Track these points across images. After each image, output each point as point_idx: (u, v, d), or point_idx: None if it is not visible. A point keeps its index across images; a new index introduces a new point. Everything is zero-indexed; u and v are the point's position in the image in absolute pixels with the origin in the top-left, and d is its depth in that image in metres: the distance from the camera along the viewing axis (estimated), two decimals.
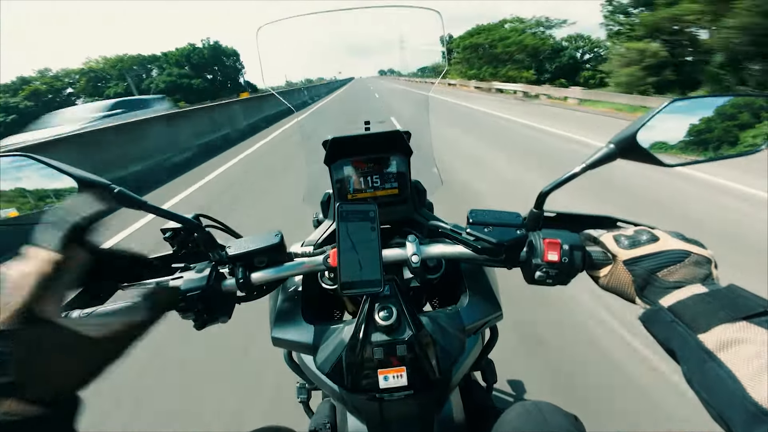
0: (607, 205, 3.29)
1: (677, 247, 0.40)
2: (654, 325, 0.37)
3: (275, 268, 0.52)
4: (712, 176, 3.86)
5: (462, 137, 6.99)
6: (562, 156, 5.28)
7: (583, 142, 5.98)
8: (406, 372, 0.47)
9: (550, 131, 7.14)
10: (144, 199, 0.43)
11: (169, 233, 0.50)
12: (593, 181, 2.51)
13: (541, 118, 8.77)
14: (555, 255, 0.45)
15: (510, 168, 4.83)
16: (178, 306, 0.45)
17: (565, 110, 10.25)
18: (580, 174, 0.46)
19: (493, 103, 12.85)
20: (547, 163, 4.86)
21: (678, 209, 3.21)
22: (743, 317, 0.31)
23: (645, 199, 3.49)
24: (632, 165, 0.46)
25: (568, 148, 5.77)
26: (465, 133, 7.38)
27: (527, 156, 5.36)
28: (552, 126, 7.56)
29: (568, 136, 6.56)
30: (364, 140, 0.61)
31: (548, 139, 6.51)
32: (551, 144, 6.15)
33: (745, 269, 2.13)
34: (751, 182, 3.60)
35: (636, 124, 0.43)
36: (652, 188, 3.69)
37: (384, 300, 0.49)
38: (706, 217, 3.02)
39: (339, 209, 0.47)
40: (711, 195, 3.49)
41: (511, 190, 3.98)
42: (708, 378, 0.30)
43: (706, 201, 3.36)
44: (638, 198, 3.50)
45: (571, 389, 1.47)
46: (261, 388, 1.58)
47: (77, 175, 0.39)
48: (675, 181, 3.81)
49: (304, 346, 0.55)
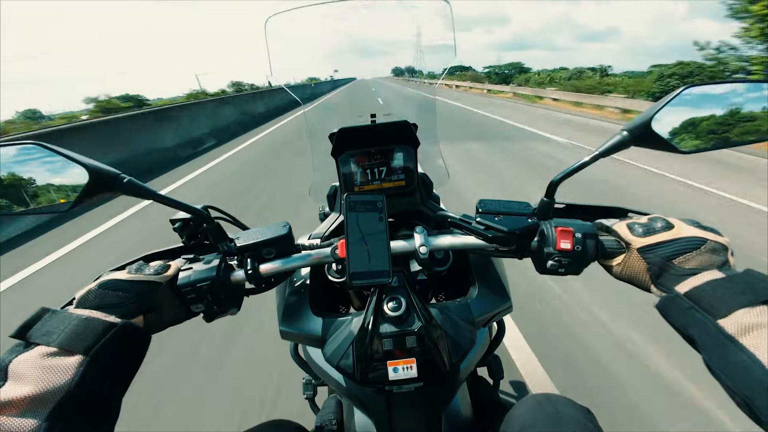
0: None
1: (693, 234, 0.39)
2: (671, 312, 0.37)
3: (283, 259, 0.52)
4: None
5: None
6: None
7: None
8: (416, 363, 0.46)
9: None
10: (153, 189, 0.43)
11: (178, 224, 0.50)
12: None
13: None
14: (568, 243, 0.45)
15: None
16: (187, 297, 0.45)
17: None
18: (591, 162, 0.45)
19: None
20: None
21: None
22: (763, 301, 0.31)
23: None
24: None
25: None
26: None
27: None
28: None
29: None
30: (371, 131, 0.61)
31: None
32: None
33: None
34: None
35: (650, 111, 0.43)
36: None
37: (392, 291, 0.48)
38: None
39: (347, 200, 0.47)
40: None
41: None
42: (730, 363, 0.30)
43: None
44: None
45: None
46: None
47: (88, 164, 0.39)
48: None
49: (313, 339, 0.54)
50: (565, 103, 12.53)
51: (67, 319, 0.34)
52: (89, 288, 0.41)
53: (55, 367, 0.30)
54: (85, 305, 0.38)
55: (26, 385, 0.29)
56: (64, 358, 0.31)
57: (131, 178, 0.42)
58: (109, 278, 0.41)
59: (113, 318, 0.36)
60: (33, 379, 0.29)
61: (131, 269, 0.44)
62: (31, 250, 3.15)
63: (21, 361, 0.31)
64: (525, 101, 14.87)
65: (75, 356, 0.32)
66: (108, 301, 0.39)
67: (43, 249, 3.12)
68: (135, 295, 0.40)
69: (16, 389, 0.28)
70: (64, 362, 0.31)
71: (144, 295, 0.41)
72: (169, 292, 0.45)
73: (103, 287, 0.40)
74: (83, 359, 0.32)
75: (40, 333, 0.33)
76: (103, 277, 0.43)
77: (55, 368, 0.30)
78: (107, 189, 0.41)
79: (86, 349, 0.32)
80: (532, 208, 0.51)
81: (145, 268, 0.45)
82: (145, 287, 0.42)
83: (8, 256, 3.08)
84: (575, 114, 10.48)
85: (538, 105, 13.45)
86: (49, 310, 0.35)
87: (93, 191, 0.40)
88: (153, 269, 0.45)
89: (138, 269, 0.44)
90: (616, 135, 0.44)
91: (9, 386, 0.29)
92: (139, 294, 0.41)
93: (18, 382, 0.29)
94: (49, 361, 0.31)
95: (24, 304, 2.30)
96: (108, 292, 0.39)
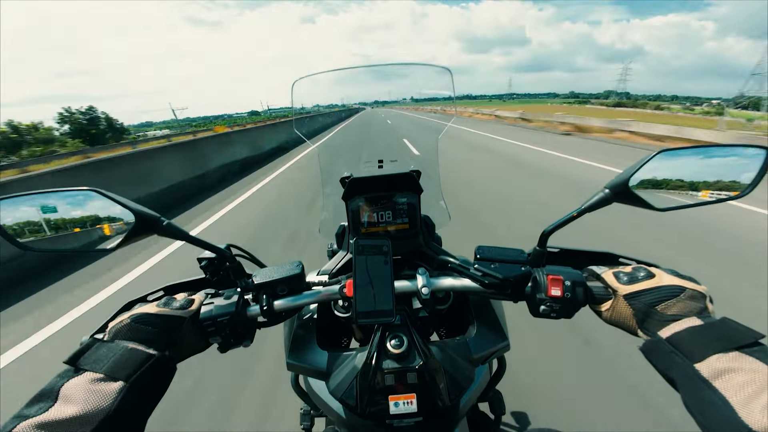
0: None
1: (672, 282, 0.43)
2: (653, 355, 0.40)
3: (295, 296, 0.56)
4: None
5: None
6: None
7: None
8: (416, 399, 0.49)
9: None
10: (186, 231, 0.49)
11: (204, 262, 0.55)
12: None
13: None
14: (558, 290, 0.48)
15: None
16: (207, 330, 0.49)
17: None
18: (578, 217, 0.50)
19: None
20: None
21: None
22: (736, 348, 0.34)
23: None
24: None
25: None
26: None
27: None
28: None
29: None
30: (378, 179, 0.67)
31: None
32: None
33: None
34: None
35: (628, 171, 0.48)
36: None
37: (395, 329, 0.52)
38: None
39: (356, 244, 0.52)
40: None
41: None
42: (704, 404, 0.33)
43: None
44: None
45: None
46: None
47: (135, 209, 0.46)
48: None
49: (318, 372, 0.57)
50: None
51: (114, 349, 0.39)
52: (122, 320, 0.44)
53: (101, 392, 0.35)
54: (119, 337, 0.42)
55: (74, 406, 0.33)
56: (109, 384, 0.36)
57: (170, 222, 0.48)
58: (140, 312, 0.46)
59: (151, 350, 0.41)
60: (81, 401, 0.33)
61: (159, 303, 0.49)
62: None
63: (72, 385, 0.35)
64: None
65: (117, 382, 0.36)
66: (141, 335, 0.43)
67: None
68: (164, 328, 0.45)
69: (64, 410, 0.33)
70: (109, 387, 0.35)
71: (171, 329, 0.46)
72: (191, 325, 0.49)
73: (136, 321, 0.44)
74: (124, 385, 0.36)
75: (89, 360, 0.38)
76: (134, 310, 0.47)
77: (100, 392, 0.35)
78: (149, 230, 0.47)
79: (127, 376, 0.37)
80: (526, 254, 0.55)
81: (171, 302, 0.49)
82: (172, 321, 0.46)
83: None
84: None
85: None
86: (98, 341, 0.40)
87: (137, 233, 0.46)
88: (179, 303, 0.49)
89: (165, 303, 0.49)
90: (599, 192, 0.50)
91: (58, 406, 0.33)
92: (167, 327, 0.45)
93: (67, 403, 0.33)
94: (95, 386, 0.35)
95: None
96: (140, 326, 0.44)
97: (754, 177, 0.47)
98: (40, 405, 0.33)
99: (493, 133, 13.12)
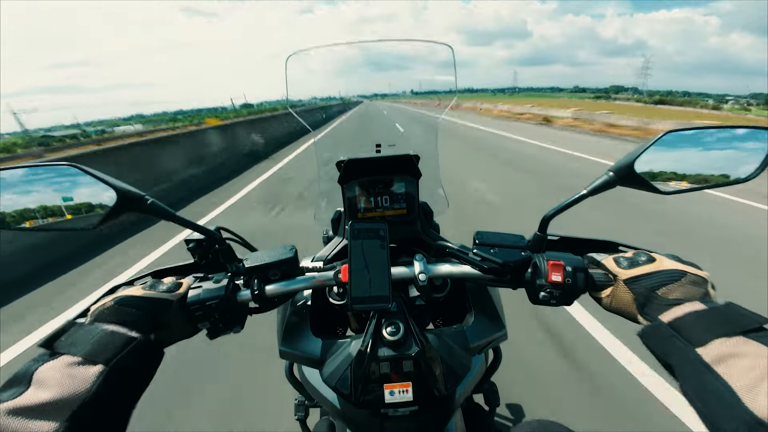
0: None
1: (673, 267, 0.42)
2: (652, 339, 0.39)
3: (288, 281, 0.54)
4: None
5: None
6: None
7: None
8: (412, 387, 0.47)
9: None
10: (173, 211, 0.47)
11: (192, 244, 0.53)
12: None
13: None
14: (558, 276, 0.47)
15: None
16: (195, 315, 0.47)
17: None
18: (580, 200, 0.48)
19: None
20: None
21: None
22: (740, 332, 0.33)
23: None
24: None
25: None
26: None
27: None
28: None
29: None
30: (376, 162, 0.65)
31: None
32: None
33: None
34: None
35: (634, 153, 0.46)
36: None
37: (391, 316, 0.50)
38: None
39: (351, 227, 0.50)
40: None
41: None
42: (705, 390, 0.31)
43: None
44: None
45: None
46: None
47: (117, 186, 0.43)
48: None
49: (312, 360, 0.56)
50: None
51: (92, 332, 0.37)
52: (105, 303, 0.42)
53: (78, 376, 0.33)
54: (101, 319, 0.40)
55: (48, 391, 0.31)
56: (87, 368, 0.34)
57: (154, 200, 0.45)
58: (124, 294, 0.44)
59: (133, 333, 0.38)
60: (56, 385, 0.31)
61: (145, 286, 0.47)
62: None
63: (46, 368, 0.33)
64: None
65: (96, 366, 0.34)
66: (123, 317, 0.41)
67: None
68: (149, 311, 0.43)
69: (38, 394, 0.31)
70: (87, 371, 0.33)
71: (157, 312, 0.44)
72: (178, 309, 0.47)
73: (120, 303, 0.42)
74: (103, 369, 0.34)
75: (66, 344, 0.35)
76: (118, 293, 0.45)
77: (77, 376, 0.32)
78: (132, 209, 0.44)
79: (107, 360, 0.35)
80: (527, 240, 0.53)
81: (158, 285, 0.47)
82: (158, 304, 0.44)
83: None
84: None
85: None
86: (75, 323, 0.38)
87: (119, 211, 0.43)
88: (166, 286, 0.47)
89: (151, 286, 0.47)
90: (602, 175, 0.48)
91: (32, 391, 0.31)
92: (153, 310, 0.43)
93: (41, 388, 0.31)
94: (72, 369, 0.33)
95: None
96: (123, 308, 0.42)
97: (763, 160, 0.46)
98: (13, 390, 0.31)
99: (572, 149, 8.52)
